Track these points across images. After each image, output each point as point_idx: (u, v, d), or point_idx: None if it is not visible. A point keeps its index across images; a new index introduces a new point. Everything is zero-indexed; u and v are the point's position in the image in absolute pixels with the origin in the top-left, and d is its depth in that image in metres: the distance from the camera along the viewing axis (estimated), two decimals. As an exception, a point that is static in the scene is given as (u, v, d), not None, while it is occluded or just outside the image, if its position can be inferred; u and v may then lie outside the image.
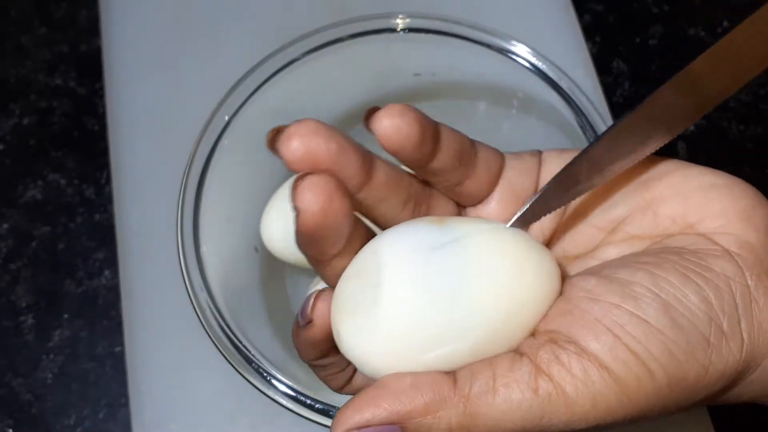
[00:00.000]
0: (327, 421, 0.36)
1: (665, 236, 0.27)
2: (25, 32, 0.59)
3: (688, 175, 0.28)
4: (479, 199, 0.30)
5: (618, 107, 0.55)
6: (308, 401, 0.36)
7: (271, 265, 0.46)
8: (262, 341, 0.39)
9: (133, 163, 0.52)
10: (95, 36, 0.58)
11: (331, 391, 0.31)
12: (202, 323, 0.38)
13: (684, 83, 0.27)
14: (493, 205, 0.30)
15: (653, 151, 0.28)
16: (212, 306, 0.38)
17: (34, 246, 0.52)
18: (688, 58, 0.27)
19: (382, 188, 0.27)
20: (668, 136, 0.28)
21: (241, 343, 0.38)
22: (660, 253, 0.27)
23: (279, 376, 0.37)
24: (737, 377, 0.26)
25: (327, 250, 0.26)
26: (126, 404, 0.47)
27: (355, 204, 0.27)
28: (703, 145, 0.55)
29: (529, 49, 0.42)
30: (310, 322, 0.26)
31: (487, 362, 0.25)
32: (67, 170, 0.54)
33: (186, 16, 0.56)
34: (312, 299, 0.27)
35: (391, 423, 0.24)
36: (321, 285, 0.44)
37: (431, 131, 0.27)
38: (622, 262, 0.27)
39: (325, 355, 0.28)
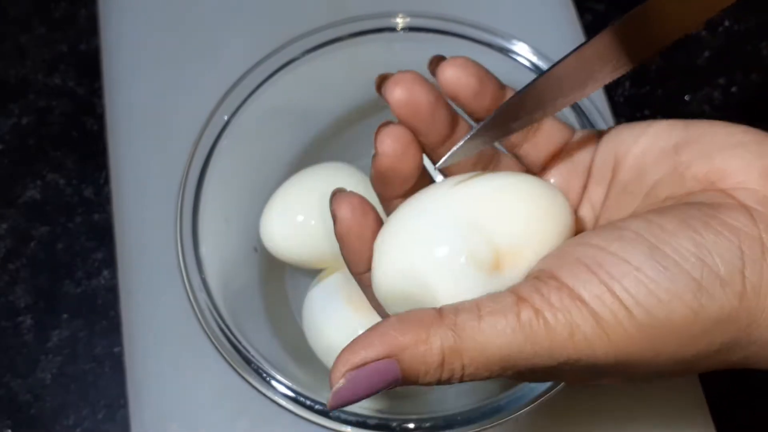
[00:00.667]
0: (326, 422, 0.36)
1: (688, 194, 0.27)
2: (24, 32, 0.58)
3: (717, 133, 0.28)
4: (538, 165, 0.32)
5: (619, 106, 0.55)
6: (308, 402, 0.36)
7: (270, 265, 0.46)
8: (262, 342, 0.39)
9: (132, 163, 0.52)
10: (94, 36, 0.57)
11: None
12: (201, 324, 0.38)
13: (634, 21, 0.28)
14: (550, 178, 0.32)
15: (600, 86, 0.30)
16: (211, 306, 0.38)
17: (32, 246, 0.52)
18: (689, 57, 0.27)
19: (463, 147, 0.30)
20: (615, 72, 0.29)
21: (240, 343, 0.38)
22: (671, 207, 0.27)
23: (278, 377, 0.37)
24: (738, 331, 0.25)
25: (393, 191, 0.30)
26: (125, 405, 0.47)
27: (435, 155, 0.31)
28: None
29: (529, 49, 0.42)
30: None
31: (470, 299, 0.26)
32: (66, 170, 0.54)
33: (185, 15, 0.56)
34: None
35: (387, 356, 0.24)
36: (320, 286, 0.44)
37: (490, 85, 0.30)
38: (630, 215, 0.28)
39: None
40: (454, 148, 0.29)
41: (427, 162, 0.31)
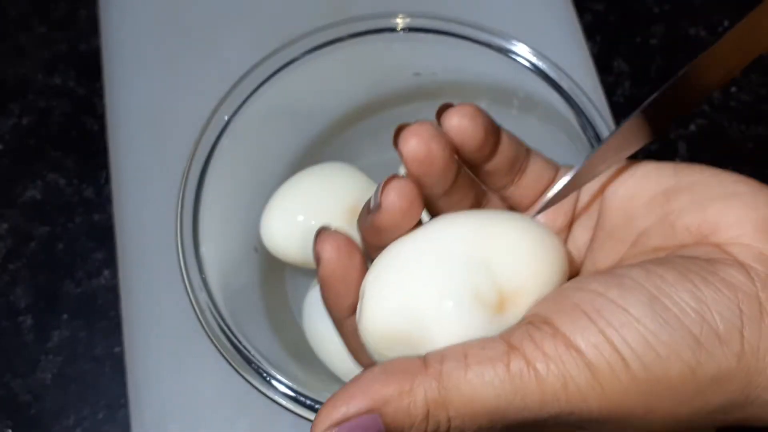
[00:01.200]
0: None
1: (681, 247, 0.27)
2: (24, 32, 0.58)
3: (710, 183, 0.27)
4: (524, 207, 0.31)
5: (618, 107, 0.55)
6: (308, 401, 0.36)
7: (270, 265, 0.46)
8: (262, 341, 0.39)
9: (132, 163, 0.52)
10: (94, 36, 0.57)
11: (332, 392, 0.31)
12: (201, 324, 0.38)
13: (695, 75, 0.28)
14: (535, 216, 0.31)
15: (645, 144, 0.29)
16: (212, 306, 0.38)
17: (33, 246, 0.52)
18: (689, 57, 0.28)
19: (459, 191, 0.30)
20: (661, 131, 0.29)
21: (240, 343, 0.38)
22: (669, 258, 0.26)
23: (279, 377, 0.37)
24: (735, 392, 0.24)
25: (384, 241, 0.28)
26: (125, 405, 0.47)
27: (434, 208, 0.30)
28: (704, 145, 0.55)
29: (529, 49, 0.42)
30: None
31: (458, 344, 0.25)
32: (66, 170, 0.54)
33: (186, 15, 0.56)
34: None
35: (369, 411, 0.23)
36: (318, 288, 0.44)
37: (494, 136, 0.29)
38: (629, 264, 0.27)
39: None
40: (545, 200, 0.30)
41: None
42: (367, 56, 0.45)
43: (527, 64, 0.42)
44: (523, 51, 0.42)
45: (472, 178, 0.30)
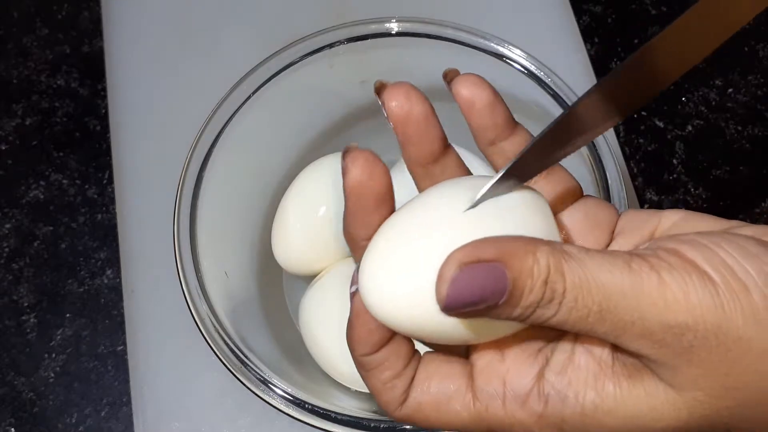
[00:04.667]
0: (326, 424, 0.36)
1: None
2: (27, 33, 0.59)
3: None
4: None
5: (616, 108, 0.55)
6: (307, 405, 0.36)
7: (268, 268, 0.46)
8: (260, 344, 0.40)
9: (134, 163, 0.52)
10: (97, 37, 0.58)
11: (328, 395, 0.31)
12: (201, 332, 0.38)
13: (649, 54, 0.27)
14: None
15: (619, 120, 0.29)
16: (210, 314, 0.38)
17: (36, 246, 0.52)
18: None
19: (453, 167, 0.30)
20: (631, 108, 0.29)
21: (240, 350, 0.38)
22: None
23: (277, 382, 0.37)
24: None
25: (367, 222, 0.28)
26: (128, 403, 0.47)
27: (427, 176, 0.30)
28: (701, 146, 0.55)
29: (523, 53, 0.42)
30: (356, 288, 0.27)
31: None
32: (70, 170, 0.54)
33: (187, 17, 0.57)
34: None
35: (498, 260, 0.23)
36: (316, 290, 0.44)
37: (503, 106, 0.29)
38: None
39: (377, 349, 0.28)
40: (482, 192, 0.27)
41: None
42: (363, 61, 0.45)
43: (521, 68, 0.42)
44: (517, 55, 0.43)
45: (462, 163, 0.30)
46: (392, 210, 0.28)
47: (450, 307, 0.23)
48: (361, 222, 0.28)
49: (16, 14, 0.60)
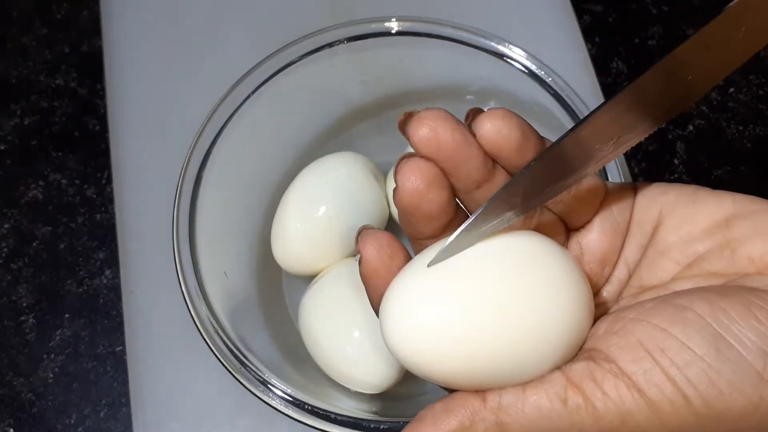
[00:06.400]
0: (325, 425, 0.36)
1: (742, 276, 0.27)
2: (26, 32, 0.59)
3: None
4: (580, 223, 0.30)
5: (617, 108, 0.55)
6: (306, 406, 0.36)
7: (268, 271, 0.46)
8: (259, 345, 0.40)
9: (133, 163, 0.52)
10: (96, 36, 0.58)
11: (328, 396, 0.31)
12: (201, 333, 0.38)
13: (668, 69, 0.26)
14: (595, 236, 0.30)
15: (638, 140, 0.28)
16: (210, 315, 0.38)
17: (35, 246, 0.52)
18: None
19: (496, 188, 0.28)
20: (653, 125, 0.28)
21: (240, 351, 0.38)
22: (732, 289, 0.26)
23: (276, 383, 0.37)
24: None
25: (419, 232, 0.28)
26: (127, 404, 0.47)
27: (471, 201, 0.28)
28: (702, 146, 0.55)
29: (524, 53, 0.42)
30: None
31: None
32: (68, 170, 0.54)
33: (187, 16, 0.57)
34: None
35: None
36: (316, 289, 0.44)
37: (534, 141, 0.27)
38: (690, 291, 0.27)
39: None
40: (458, 231, 0.26)
41: None
42: (364, 60, 0.45)
43: (522, 67, 0.42)
44: (518, 54, 0.43)
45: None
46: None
47: None
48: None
49: (15, 14, 0.60)
